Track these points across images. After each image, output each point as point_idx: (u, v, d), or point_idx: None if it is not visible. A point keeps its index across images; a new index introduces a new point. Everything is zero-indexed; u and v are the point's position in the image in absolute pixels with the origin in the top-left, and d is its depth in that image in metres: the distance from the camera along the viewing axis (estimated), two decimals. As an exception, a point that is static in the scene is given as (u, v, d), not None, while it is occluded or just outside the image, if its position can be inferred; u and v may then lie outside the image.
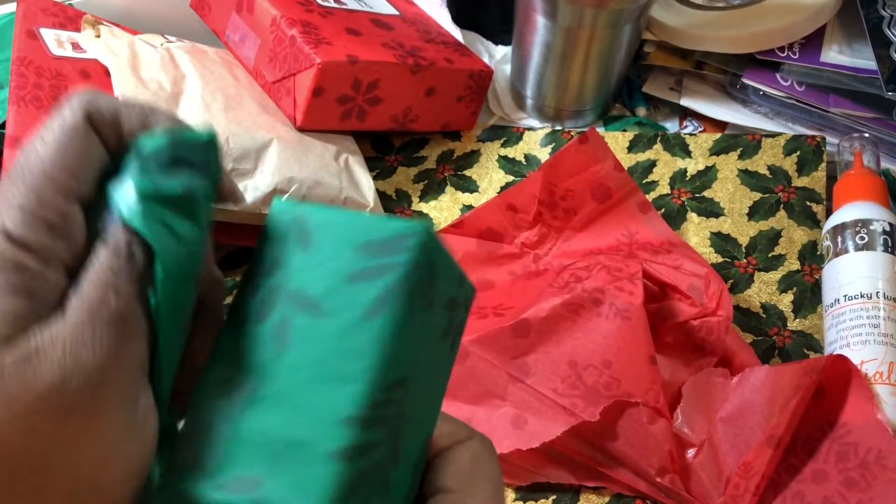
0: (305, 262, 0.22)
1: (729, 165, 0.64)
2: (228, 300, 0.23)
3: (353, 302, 0.21)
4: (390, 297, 0.21)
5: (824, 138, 0.63)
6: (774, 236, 0.60)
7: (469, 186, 0.67)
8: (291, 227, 0.22)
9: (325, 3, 0.66)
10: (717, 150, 0.65)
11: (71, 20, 0.66)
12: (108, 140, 0.22)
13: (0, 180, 0.21)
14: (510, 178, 0.67)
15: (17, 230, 0.20)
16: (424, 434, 0.23)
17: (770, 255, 0.59)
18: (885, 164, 0.61)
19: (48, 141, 0.21)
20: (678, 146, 0.66)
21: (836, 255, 0.53)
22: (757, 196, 0.62)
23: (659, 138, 0.67)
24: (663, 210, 0.62)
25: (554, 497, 0.50)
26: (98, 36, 0.64)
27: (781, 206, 0.61)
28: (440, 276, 0.22)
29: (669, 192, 0.64)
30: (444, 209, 0.66)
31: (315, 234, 0.22)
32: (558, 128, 0.71)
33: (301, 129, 0.62)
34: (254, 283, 0.22)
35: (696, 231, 0.61)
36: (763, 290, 0.57)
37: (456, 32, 0.74)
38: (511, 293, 0.57)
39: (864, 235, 0.52)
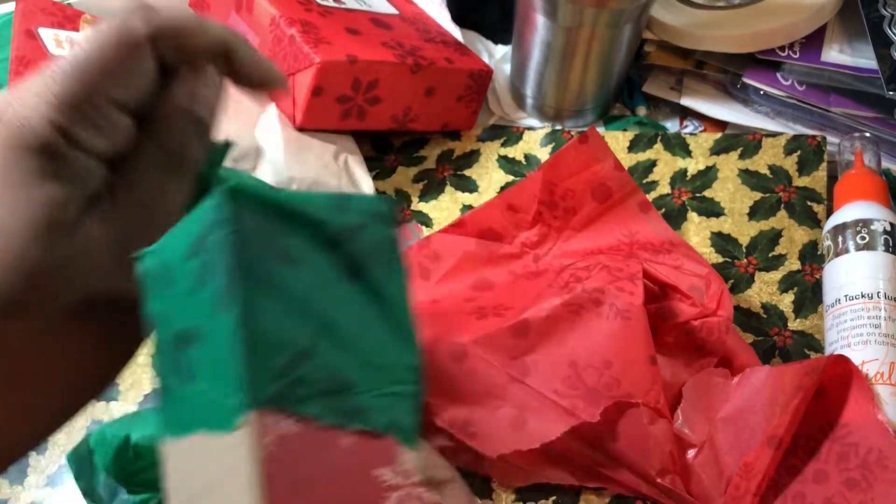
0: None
1: (729, 165, 0.64)
2: None
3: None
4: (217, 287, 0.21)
5: (825, 138, 0.63)
6: (775, 236, 0.60)
7: (469, 186, 0.67)
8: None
9: (325, 3, 0.66)
10: (718, 149, 0.65)
11: (69, 20, 0.66)
12: (164, 56, 0.24)
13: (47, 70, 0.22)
14: (510, 177, 0.67)
15: (58, 119, 0.21)
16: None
17: (771, 254, 0.59)
18: (885, 164, 0.61)
19: (100, 47, 0.22)
20: (678, 146, 0.66)
21: (837, 254, 0.53)
22: (757, 196, 0.62)
23: (659, 138, 0.67)
24: (664, 210, 0.62)
25: (554, 498, 0.50)
26: (97, 35, 0.64)
27: (782, 205, 0.61)
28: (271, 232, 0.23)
29: (670, 191, 0.64)
30: (443, 209, 0.66)
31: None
32: (558, 127, 0.71)
33: (300, 129, 0.62)
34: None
35: (697, 231, 0.61)
36: (763, 290, 0.57)
37: (456, 32, 0.74)
38: (511, 293, 0.57)
39: (865, 235, 0.52)
